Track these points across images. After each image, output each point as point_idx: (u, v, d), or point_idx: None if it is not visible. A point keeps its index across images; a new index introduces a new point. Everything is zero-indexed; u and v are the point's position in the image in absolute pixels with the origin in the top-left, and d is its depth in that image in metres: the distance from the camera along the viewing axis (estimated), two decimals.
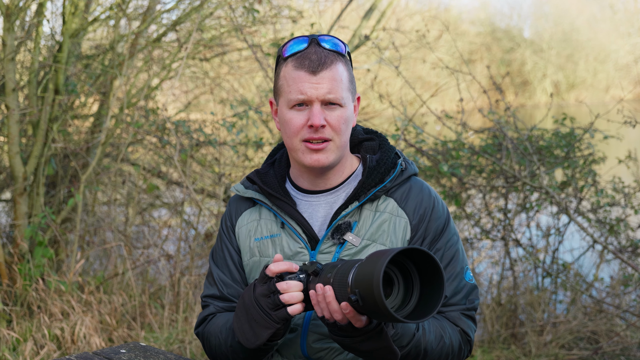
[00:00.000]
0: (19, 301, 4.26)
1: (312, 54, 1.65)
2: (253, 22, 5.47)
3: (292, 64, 1.66)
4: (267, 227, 1.77)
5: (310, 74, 1.64)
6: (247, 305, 1.58)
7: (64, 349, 3.88)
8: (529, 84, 23.40)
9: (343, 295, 1.42)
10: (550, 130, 4.85)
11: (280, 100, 1.70)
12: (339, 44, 1.70)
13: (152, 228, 5.84)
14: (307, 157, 1.68)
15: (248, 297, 1.58)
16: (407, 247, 1.35)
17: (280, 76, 1.70)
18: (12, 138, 4.51)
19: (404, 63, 7.80)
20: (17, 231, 4.59)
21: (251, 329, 1.57)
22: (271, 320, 1.54)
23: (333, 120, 1.66)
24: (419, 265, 1.40)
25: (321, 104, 1.65)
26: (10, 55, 4.39)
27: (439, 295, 1.37)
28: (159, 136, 5.07)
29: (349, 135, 1.73)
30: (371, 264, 1.35)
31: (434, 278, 1.38)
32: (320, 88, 1.64)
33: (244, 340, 1.59)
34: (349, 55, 1.74)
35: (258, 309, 1.55)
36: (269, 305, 1.53)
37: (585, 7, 27.71)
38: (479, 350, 4.36)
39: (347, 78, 1.69)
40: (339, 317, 1.46)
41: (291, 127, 1.67)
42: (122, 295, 4.44)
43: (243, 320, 1.59)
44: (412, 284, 1.41)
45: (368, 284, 1.33)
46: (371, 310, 1.37)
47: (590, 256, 5.18)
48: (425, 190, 1.76)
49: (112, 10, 5.16)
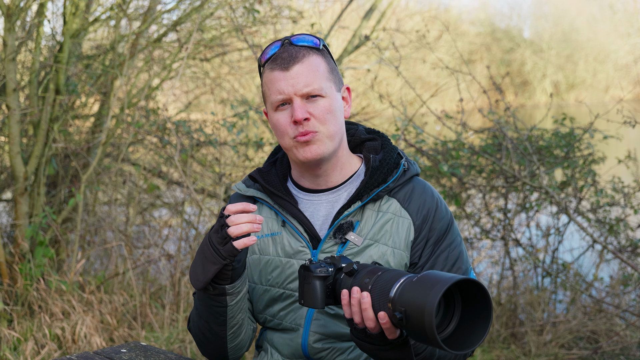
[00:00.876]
0: (19, 301, 4.26)
1: (283, 52, 1.68)
2: (253, 22, 5.47)
3: (268, 67, 1.69)
4: (268, 225, 1.78)
5: (284, 71, 1.66)
6: (203, 244, 1.57)
7: (65, 349, 3.88)
8: (529, 84, 23.40)
9: (381, 305, 1.39)
10: (550, 130, 4.85)
11: (267, 105, 1.72)
12: (312, 39, 1.71)
13: (152, 228, 5.84)
14: (300, 152, 1.68)
15: (205, 236, 1.58)
16: (465, 277, 1.32)
17: (263, 82, 1.73)
18: (13, 138, 4.52)
19: (404, 63, 7.81)
20: (18, 231, 4.59)
21: (202, 266, 1.56)
22: (218, 256, 1.52)
23: (317, 112, 1.66)
24: (465, 292, 1.38)
25: (301, 99, 1.66)
26: (11, 55, 4.39)
27: (483, 327, 1.35)
28: (159, 136, 5.07)
29: (341, 125, 1.72)
30: (424, 287, 1.31)
31: (478, 310, 1.36)
32: (296, 83, 1.65)
33: (194, 282, 1.58)
34: (326, 47, 1.74)
35: (209, 245, 1.54)
36: (218, 240, 1.52)
37: (584, 8, 27.72)
38: (479, 349, 4.36)
39: (325, 68, 1.69)
40: (372, 325, 1.43)
41: (279, 127, 1.69)
42: (122, 294, 4.44)
43: (198, 262, 1.57)
44: (454, 309, 1.38)
45: (419, 307, 1.29)
46: (413, 331, 1.34)
47: (590, 256, 5.19)
48: (428, 191, 1.76)
49: (112, 11, 5.17)
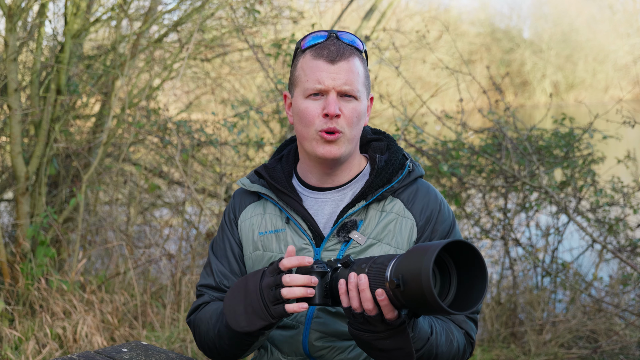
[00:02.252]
0: (21, 300, 4.27)
1: (331, 45, 1.68)
2: (254, 22, 5.48)
3: (311, 54, 1.69)
4: (272, 222, 1.78)
5: (329, 63, 1.66)
6: (249, 290, 1.55)
7: (66, 348, 3.88)
8: (529, 84, 23.40)
9: (378, 285, 1.40)
10: (550, 130, 4.86)
11: (296, 90, 1.71)
12: (357, 41, 1.73)
13: (153, 228, 5.84)
14: (320, 147, 1.68)
15: (253, 283, 1.55)
16: (455, 239, 1.34)
17: (298, 67, 1.72)
18: (14, 138, 4.53)
19: (404, 63, 7.81)
20: (20, 231, 4.60)
21: (246, 314, 1.54)
22: (268, 314, 1.52)
23: (347, 112, 1.67)
24: (457, 258, 1.39)
25: (337, 95, 1.66)
26: (12, 55, 4.40)
27: (481, 287, 1.36)
28: (160, 136, 5.08)
29: (360, 131, 1.73)
30: (416, 254, 1.33)
31: (473, 271, 1.37)
32: (338, 78, 1.65)
33: (232, 322, 1.56)
34: (366, 54, 1.76)
35: (259, 299, 1.52)
36: (270, 297, 1.51)
37: (584, 8, 27.71)
38: (479, 349, 4.37)
39: (363, 73, 1.71)
40: (370, 307, 1.42)
41: (307, 116, 1.68)
42: (123, 294, 4.45)
43: (239, 302, 1.55)
44: (450, 276, 1.39)
45: (415, 271, 1.31)
46: (412, 297, 1.34)
47: (590, 255, 5.20)
48: (432, 193, 1.77)
49: (113, 11, 5.18)
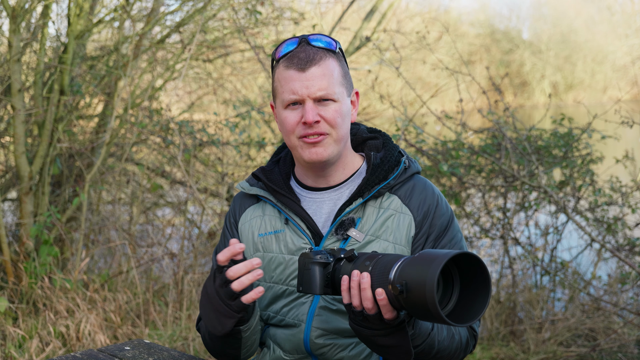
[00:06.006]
0: (24, 299, 4.28)
1: (300, 52, 1.68)
2: (255, 23, 5.50)
3: (283, 64, 1.70)
4: (271, 223, 1.79)
5: (300, 71, 1.66)
6: (210, 295, 1.58)
7: (69, 346, 3.90)
8: (528, 85, 23.42)
9: (380, 285, 1.41)
10: (549, 130, 4.88)
11: (277, 101, 1.74)
12: (329, 41, 1.72)
13: (156, 227, 5.86)
14: (305, 152, 1.70)
15: (210, 287, 1.58)
16: (462, 251, 1.34)
17: (275, 78, 1.74)
18: (18, 138, 4.54)
19: (404, 64, 7.84)
20: (23, 230, 4.62)
21: (217, 318, 1.58)
22: (231, 311, 1.55)
23: (328, 115, 1.67)
24: (462, 267, 1.40)
25: (314, 101, 1.67)
26: (16, 56, 4.42)
27: (483, 301, 1.36)
28: (162, 136, 5.11)
29: (348, 129, 1.74)
30: (423, 262, 1.34)
31: (476, 283, 1.38)
32: (311, 86, 1.66)
33: (212, 329, 1.60)
34: (342, 51, 1.76)
35: (218, 300, 1.55)
36: (226, 295, 1.53)
37: (583, 9, 27.74)
38: (479, 347, 4.39)
39: (339, 73, 1.70)
40: (369, 306, 1.44)
41: (287, 125, 1.70)
42: (126, 293, 4.47)
43: (209, 309, 1.59)
44: (453, 285, 1.40)
45: (420, 280, 1.31)
46: (414, 305, 1.35)
47: (588, 254, 5.22)
48: (428, 188, 1.77)
49: (116, 12, 5.20)
